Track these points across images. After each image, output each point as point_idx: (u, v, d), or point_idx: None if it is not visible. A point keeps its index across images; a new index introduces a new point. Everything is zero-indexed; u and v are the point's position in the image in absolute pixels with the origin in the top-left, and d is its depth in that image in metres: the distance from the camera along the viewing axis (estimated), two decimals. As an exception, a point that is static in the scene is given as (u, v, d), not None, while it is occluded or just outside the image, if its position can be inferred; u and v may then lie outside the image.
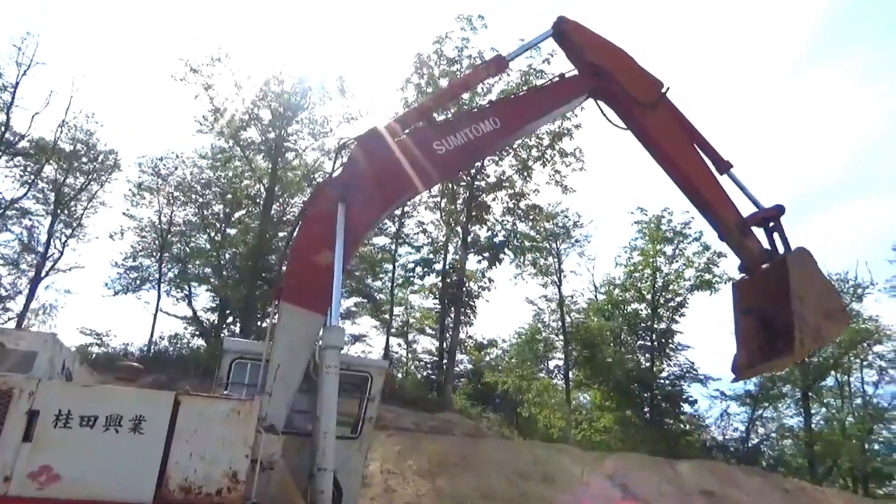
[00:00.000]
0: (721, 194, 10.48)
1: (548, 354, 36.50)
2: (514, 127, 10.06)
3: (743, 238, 10.21)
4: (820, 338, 9.44)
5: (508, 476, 15.36)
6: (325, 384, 6.99)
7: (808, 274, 9.76)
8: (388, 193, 8.67)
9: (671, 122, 10.53)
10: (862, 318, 35.46)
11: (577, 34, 10.41)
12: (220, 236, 33.09)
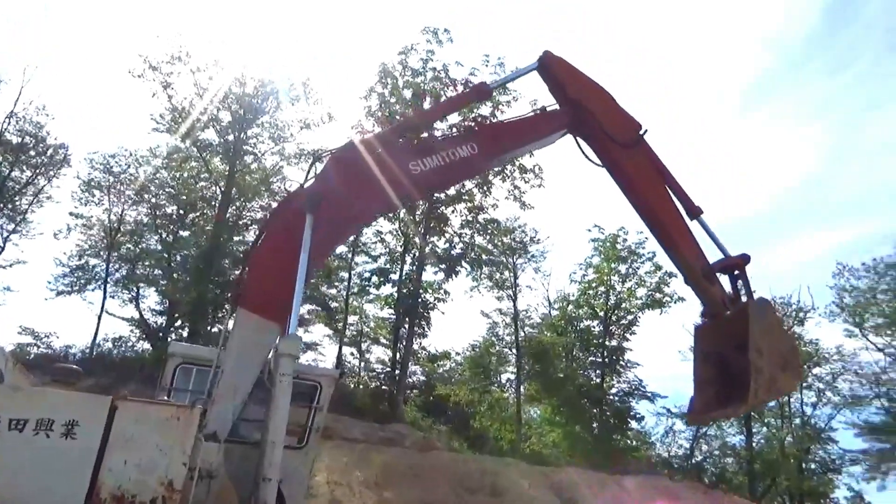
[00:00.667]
0: (689, 239, 10.62)
1: (500, 368, 36.65)
2: (492, 154, 10.10)
3: (707, 284, 10.33)
4: (774, 389, 9.56)
5: (456, 489, 15.31)
6: (278, 393, 6.84)
7: (768, 325, 9.93)
8: (359, 210, 8.60)
9: (646, 164, 10.65)
10: (803, 340, 36.74)
11: (560, 70, 10.49)
12: (172, 238, 32.34)
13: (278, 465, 6.66)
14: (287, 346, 7.05)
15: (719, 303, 10.31)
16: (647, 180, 10.62)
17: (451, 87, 29.01)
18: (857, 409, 39.32)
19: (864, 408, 39.43)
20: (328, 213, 8.01)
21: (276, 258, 7.81)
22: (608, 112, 10.58)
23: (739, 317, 9.93)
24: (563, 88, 10.39)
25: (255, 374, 7.32)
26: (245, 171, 32.00)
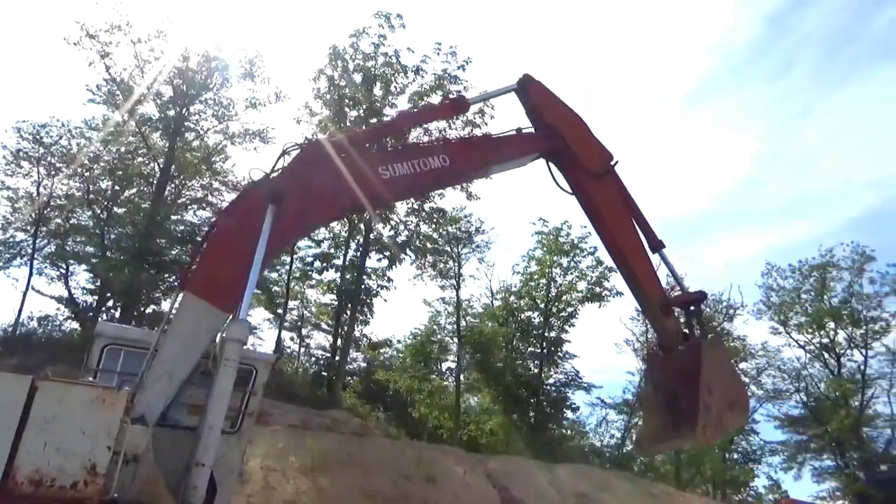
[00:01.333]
0: (650, 272, 10.86)
1: (441, 357, 36.87)
2: (462, 169, 10.13)
3: (664, 318, 10.58)
4: (721, 427, 9.78)
5: (392, 476, 15.36)
6: (222, 377, 6.75)
7: (719, 363, 10.22)
8: (322, 207, 8.50)
9: (615, 195, 10.84)
10: (732, 336, 38.31)
11: (538, 94, 10.62)
12: (106, 214, 31.08)
13: (214, 451, 6.57)
14: (235, 332, 6.96)
15: (674, 337, 10.60)
16: (613, 211, 10.83)
17: (401, 74, 28.84)
18: (778, 402, 41.44)
19: (785, 401, 41.62)
20: (290, 207, 7.90)
21: (231, 245, 7.66)
22: (582, 140, 10.76)
23: (692, 352, 10.17)
24: (541, 113, 10.54)
25: (194, 361, 7.14)
26: (186, 149, 31.06)
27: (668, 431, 10.19)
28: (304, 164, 8.51)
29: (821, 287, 41.01)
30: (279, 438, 15.85)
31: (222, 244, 7.85)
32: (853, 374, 40.49)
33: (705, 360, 9.81)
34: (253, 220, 7.65)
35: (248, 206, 8.08)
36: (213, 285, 7.35)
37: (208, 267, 7.63)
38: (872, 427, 40.19)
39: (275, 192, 7.84)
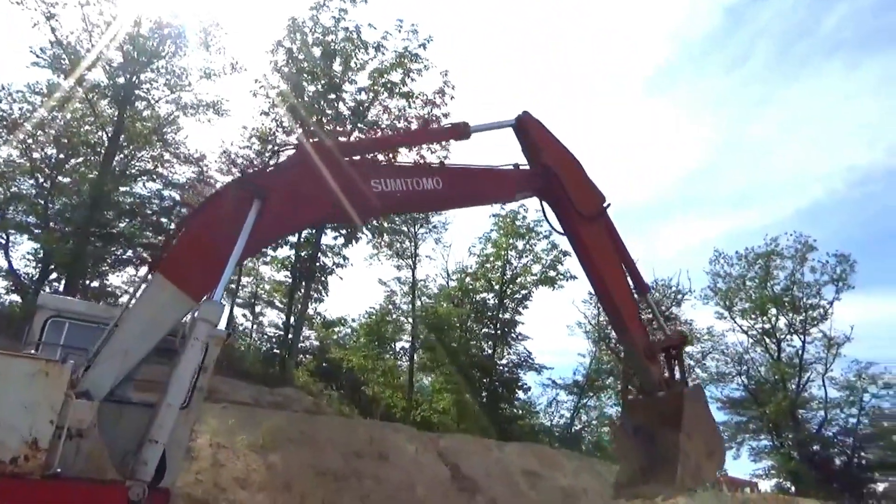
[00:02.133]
0: (636, 318, 11.06)
1: (395, 336, 36.93)
2: (454, 196, 10.13)
3: (648, 363, 10.71)
4: (699, 476, 9.93)
5: (343, 453, 15.37)
6: (188, 355, 6.72)
7: (699, 412, 10.40)
8: (306, 211, 8.40)
9: (605, 238, 11.00)
10: (679, 321, 39.42)
11: (537, 133, 10.71)
12: (50, 183, 29.88)
13: (169, 429, 6.50)
14: (208, 312, 6.93)
15: (656, 383, 10.73)
16: (603, 254, 10.98)
17: (362, 50, 28.41)
18: (720, 385, 42.99)
19: (727, 384, 43.20)
20: (274, 206, 7.85)
21: (209, 235, 7.59)
22: (577, 183, 10.88)
23: (673, 399, 10.34)
24: (538, 153, 10.62)
25: (153, 343, 7.01)
26: (136, 118, 30.01)
27: (646, 476, 10.32)
28: (294, 165, 8.54)
29: (765, 275, 42.53)
30: (229, 415, 15.68)
31: (201, 233, 7.78)
32: (791, 359, 42.30)
33: (687, 409, 9.98)
34: (235, 213, 7.61)
35: (230, 198, 8.02)
36: (186, 272, 7.28)
37: (183, 253, 7.58)
38: (807, 409, 42.18)
39: (261, 188, 7.82)
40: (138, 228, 32.15)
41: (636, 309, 11.20)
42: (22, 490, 5.33)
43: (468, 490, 15.81)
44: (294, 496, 13.08)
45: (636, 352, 10.78)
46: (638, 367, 10.99)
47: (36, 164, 29.34)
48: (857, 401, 41.48)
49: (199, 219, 8.09)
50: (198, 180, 34.25)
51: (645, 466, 10.42)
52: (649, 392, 10.80)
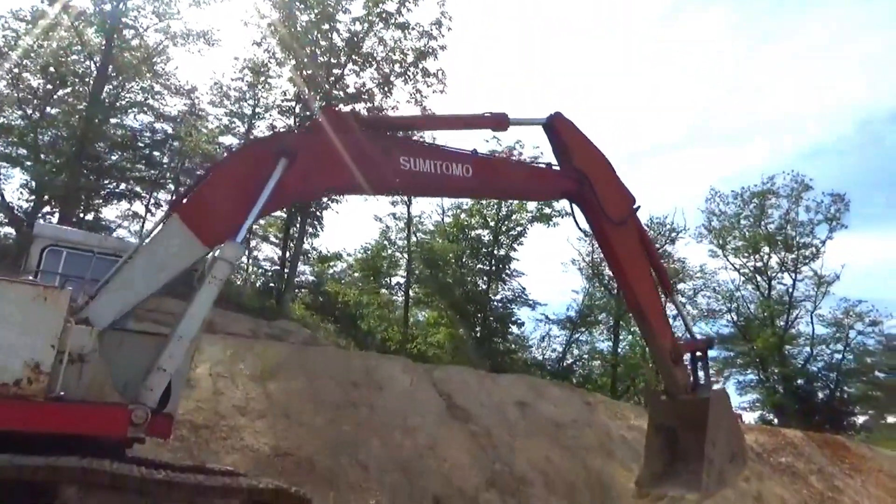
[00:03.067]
0: (663, 322, 10.93)
1: (391, 272, 37.20)
2: (482, 187, 9.98)
3: (674, 366, 10.61)
4: (722, 481, 9.92)
5: (340, 383, 15.73)
6: (204, 292, 6.81)
7: (723, 417, 10.35)
8: (330, 177, 8.33)
9: (634, 241, 10.87)
10: (672, 258, 39.77)
11: (569, 135, 10.49)
12: (39, 115, 29.35)
13: (178, 361, 6.66)
14: (229, 252, 6.98)
15: (682, 386, 10.66)
16: (631, 258, 10.86)
17: None
18: (710, 321, 43.78)
19: (717, 321, 43.99)
20: (300, 167, 7.78)
21: (232, 186, 7.55)
22: (608, 187, 10.69)
23: (699, 406, 10.25)
24: (569, 155, 10.43)
25: (160, 284, 7.04)
26: (124, 47, 29.20)
27: (669, 477, 10.42)
28: (326, 130, 8.44)
29: (759, 213, 42.65)
30: (228, 346, 15.94)
31: (224, 182, 7.74)
32: (781, 297, 42.95)
33: (712, 413, 9.99)
34: (260, 167, 7.60)
35: (259, 153, 7.99)
36: (203, 219, 7.26)
37: (204, 200, 7.56)
38: (794, 345, 43.11)
39: (290, 148, 7.78)
40: (130, 161, 31.85)
41: (664, 313, 11.19)
42: (26, 412, 5.47)
43: (461, 419, 16.28)
44: (292, 423, 13.47)
45: (662, 355, 10.78)
46: (663, 371, 11.01)
47: (23, 95, 28.76)
48: (843, 337, 42.41)
49: (224, 169, 8.10)
50: (189, 113, 33.73)
51: (668, 467, 10.57)
52: (674, 395, 10.84)
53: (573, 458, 16.14)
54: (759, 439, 21.86)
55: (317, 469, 12.07)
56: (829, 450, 22.55)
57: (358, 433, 13.82)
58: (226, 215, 7.30)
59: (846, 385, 43.75)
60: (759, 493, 17.37)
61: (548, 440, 16.55)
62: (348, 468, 12.45)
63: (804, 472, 19.89)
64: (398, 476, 12.70)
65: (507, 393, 18.46)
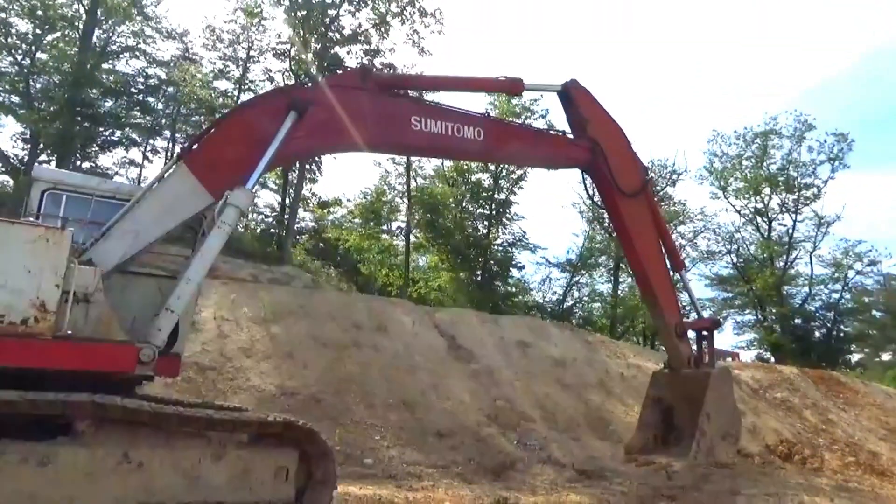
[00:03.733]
0: (670, 296, 11.09)
1: (391, 216, 37.17)
2: (492, 150, 9.90)
3: (678, 340, 10.80)
4: (711, 455, 10.07)
5: (343, 325, 15.92)
6: (213, 237, 6.87)
7: (723, 395, 10.52)
8: (339, 134, 8.23)
9: (645, 215, 10.89)
10: (672, 200, 39.65)
11: (585, 104, 10.50)
12: (29, 61, 28.80)
13: (185, 304, 6.74)
14: (238, 198, 6.97)
15: (684, 360, 10.87)
16: (641, 230, 10.90)
17: None
18: (710, 262, 43.98)
19: (717, 262, 44.19)
20: (310, 121, 7.76)
21: (240, 136, 7.54)
22: (621, 159, 10.69)
23: (700, 380, 10.47)
24: (584, 124, 10.40)
25: (164, 230, 7.09)
26: (112, -12, 28.43)
27: (658, 445, 10.71)
28: (339, 87, 8.43)
29: (762, 154, 42.28)
30: (231, 291, 16.07)
31: (232, 133, 7.69)
32: (781, 238, 43.01)
33: (712, 388, 10.20)
34: (269, 119, 7.58)
35: (268, 105, 7.96)
36: (210, 168, 7.26)
37: (212, 149, 7.54)
38: (793, 286, 43.44)
39: (301, 101, 7.73)
40: (125, 108, 31.42)
41: (671, 286, 11.31)
42: (35, 350, 5.55)
43: (463, 359, 16.54)
44: (297, 363, 13.69)
45: (667, 328, 10.96)
46: (667, 343, 11.22)
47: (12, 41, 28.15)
48: (841, 277, 42.68)
49: (234, 119, 8.03)
50: (182, 57, 33.08)
51: (659, 436, 10.84)
52: (676, 368, 11.05)
53: (573, 394, 16.48)
54: (755, 376, 22.26)
55: (322, 407, 12.34)
56: (824, 385, 22.99)
57: (362, 373, 14.07)
58: (233, 166, 7.29)
59: (843, 324, 44.30)
60: (754, 426, 17.79)
61: (548, 378, 16.86)
62: (353, 406, 12.72)
63: (799, 406, 20.32)
64: (402, 413, 12.99)
65: (509, 334, 18.70)
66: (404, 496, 8.95)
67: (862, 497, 13.21)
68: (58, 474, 5.28)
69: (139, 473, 5.58)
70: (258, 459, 6.13)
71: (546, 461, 12.52)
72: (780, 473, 15.10)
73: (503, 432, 13.40)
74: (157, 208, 7.04)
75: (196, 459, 5.85)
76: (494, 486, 10.45)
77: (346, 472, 9.72)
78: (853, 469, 16.36)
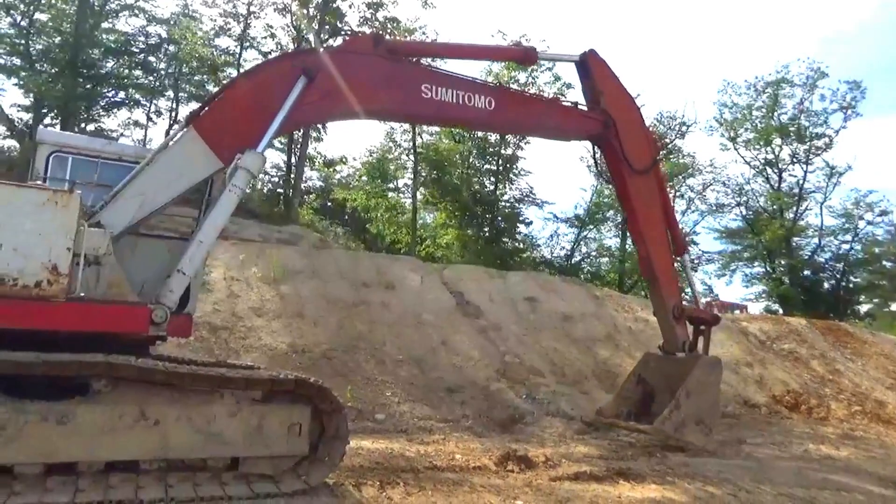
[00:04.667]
0: (671, 277, 11.03)
1: (397, 174, 37.00)
2: (503, 120, 9.78)
3: (675, 323, 10.78)
4: (679, 432, 9.91)
5: (352, 283, 16.04)
6: (225, 199, 6.95)
7: (708, 382, 10.40)
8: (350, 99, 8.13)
9: (653, 194, 10.82)
10: (682, 153, 39.20)
11: (602, 75, 10.46)
12: (28, 22, 28.42)
13: (196, 266, 6.89)
14: (249, 161, 7.01)
15: (678, 344, 10.86)
16: (647, 208, 10.82)
17: None
18: (719, 215, 43.71)
19: (725, 214, 43.91)
20: (321, 87, 7.75)
21: (249, 101, 7.52)
22: (633, 134, 10.60)
23: (687, 364, 10.47)
24: (599, 96, 10.35)
25: (172, 195, 7.09)
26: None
27: (629, 416, 10.73)
28: (350, 52, 8.47)
29: (772, 103, 41.54)
30: (239, 251, 16.17)
31: (241, 97, 7.66)
32: (791, 189, 42.60)
33: (698, 370, 10.22)
34: (278, 84, 7.56)
35: (278, 70, 7.92)
36: (219, 132, 7.26)
37: (220, 114, 7.51)
38: (802, 237, 43.20)
39: (311, 67, 7.69)
40: (127, 67, 31.12)
41: (671, 266, 11.24)
42: (49, 312, 5.63)
43: (472, 315, 16.67)
44: (307, 322, 13.85)
45: (665, 310, 10.94)
46: (664, 325, 11.16)
47: (10, 1, 27.73)
48: (851, 228, 42.40)
49: (244, 84, 7.95)
50: (182, 14, 32.56)
51: (632, 411, 10.89)
52: (669, 352, 11.06)
53: (581, 348, 16.63)
54: (762, 327, 22.36)
55: (333, 364, 12.52)
56: (832, 336, 23.08)
57: (372, 330, 14.23)
58: (242, 130, 7.29)
59: (852, 275, 44.19)
60: (761, 376, 17.96)
61: (557, 333, 17.00)
62: (363, 363, 12.91)
63: (806, 356, 20.45)
64: (412, 369, 13.18)
65: (517, 289, 18.79)
66: (416, 449, 9.15)
67: (867, 444, 13.38)
68: (77, 431, 5.42)
69: (156, 430, 5.72)
70: (272, 416, 6.26)
71: (555, 414, 12.71)
72: (785, 423, 15.30)
73: (512, 386, 13.59)
74: (166, 172, 7.07)
75: (211, 416, 5.99)
76: (504, 439, 10.65)
77: (358, 427, 9.94)
78: (859, 418, 16.55)
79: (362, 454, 8.33)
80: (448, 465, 8.36)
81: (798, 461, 10.82)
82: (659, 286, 10.95)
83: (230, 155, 7.16)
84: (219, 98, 7.81)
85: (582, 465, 8.82)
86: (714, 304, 34.86)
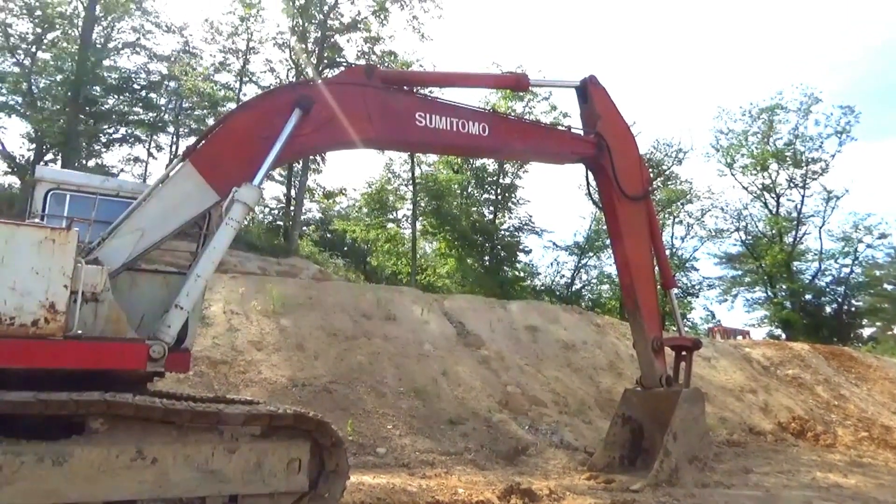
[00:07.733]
0: (653, 309, 10.97)
1: (397, 205, 37.12)
2: (498, 146, 9.88)
3: (653, 356, 10.66)
4: (675, 478, 9.69)
5: (352, 315, 15.96)
6: (222, 233, 6.97)
7: (692, 416, 10.29)
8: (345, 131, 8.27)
9: (642, 222, 10.86)
10: (679, 180, 39.41)
11: (600, 101, 10.61)
12: (30, 60, 28.80)
13: (195, 300, 6.84)
14: (246, 194, 7.03)
15: (657, 378, 10.72)
16: (636, 236, 10.81)
17: None
18: (718, 241, 43.76)
19: (725, 240, 43.97)
20: (316, 119, 7.85)
21: (245, 134, 7.60)
22: (627, 160, 10.68)
23: (669, 397, 10.33)
24: (595, 120, 10.48)
25: (170, 229, 7.13)
26: (109, -15, 28.36)
27: (623, 465, 10.59)
28: (343, 83, 8.54)
29: (768, 129, 41.89)
30: (239, 284, 16.14)
31: (237, 130, 7.74)
32: (789, 214, 42.71)
33: (680, 408, 10.01)
34: (273, 117, 7.65)
35: (273, 103, 8.02)
36: (216, 165, 7.31)
37: (216, 147, 7.56)
38: (802, 261, 43.19)
39: (306, 98, 7.80)
40: (128, 104, 31.47)
41: (655, 299, 11.21)
42: (47, 350, 5.60)
43: (473, 345, 16.56)
44: (308, 355, 13.75)
45: (645, 341, 10.80)
46: (642, 358, 11.02)
47: (13, 42, 28.13)
48: (851, 251, 42.38)
49: (239, 117, 8.06)
50: (183, 51, 33.02)
51: (624, 456, 10.74)
52: (648, 386, 10.86)
53: (584, 377, 16.50)
54: (766, 353, 22.22)
55: (334, 397, 12.40)
56: (836, 361, 22.92)
57: (372, 362, 14.12)
58: (238, 163, 7.34)
59: (854, 298, 44.07)
60: (766, 403, 17.78)
61: (558, 362, 16.89)
62: (365, 395, 12.78)
63: (811, 382, 20.28)
64: (413, 401, 13.04)
65: (518, 319, 18.71)
66: (418, 484, 9.00)
67: (875, 472, 13.19)
68: (74, 471, 5.34)
69: (153, 469, 5.64)
70: (271, 452, 6.19)
71: (558, 445, 12.55)
72: (792, 450, 15.10)
73: (514, 417, 13.44)
74: (163, 207, 7.09)
75: (209, 453, 5.91)
76: (507, 472, 10.50)
77: (359, 462, 9.80)
78: (866, 444, 16.34)
79: (363, 490, 8.19)
80: (451, 499, 8.22)
81: (806, 490, 10.65)
82: (640, 317, 10.81)
83: (227, 188, 7.18)
84: (215, 132, 7.85)
85: (587, 498, 8.68)
86: (716, 329, 34.70)
